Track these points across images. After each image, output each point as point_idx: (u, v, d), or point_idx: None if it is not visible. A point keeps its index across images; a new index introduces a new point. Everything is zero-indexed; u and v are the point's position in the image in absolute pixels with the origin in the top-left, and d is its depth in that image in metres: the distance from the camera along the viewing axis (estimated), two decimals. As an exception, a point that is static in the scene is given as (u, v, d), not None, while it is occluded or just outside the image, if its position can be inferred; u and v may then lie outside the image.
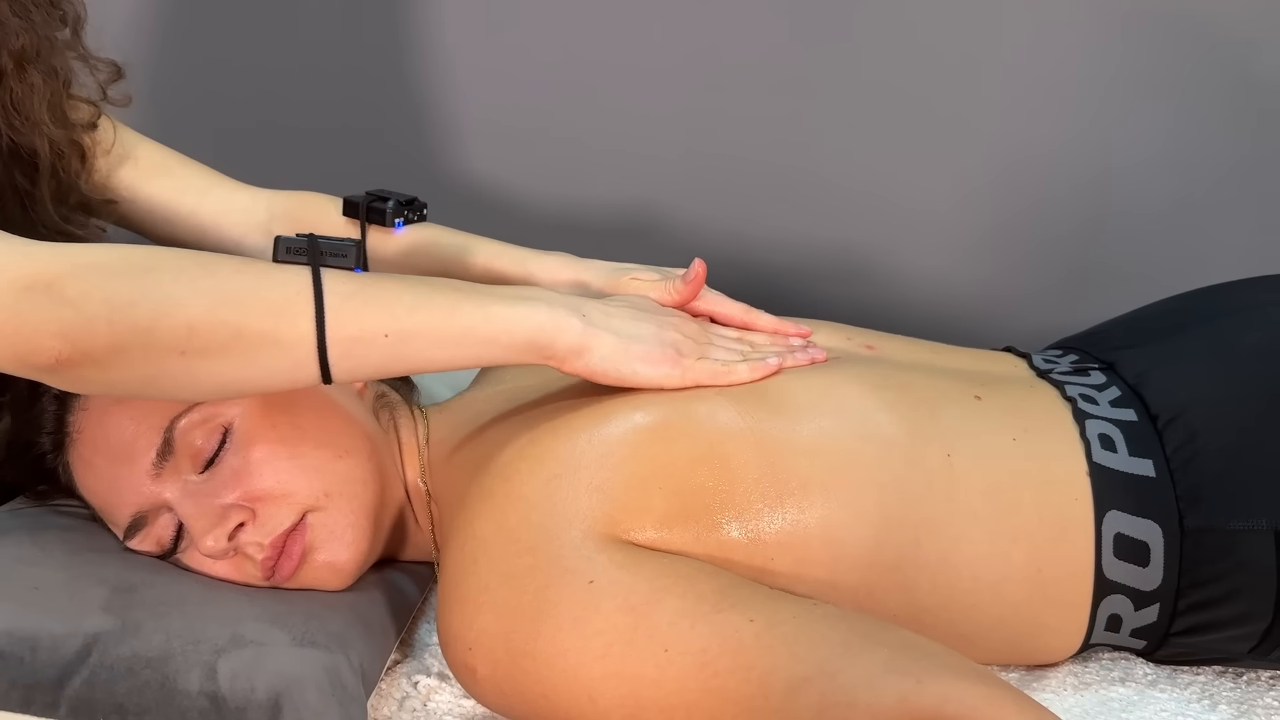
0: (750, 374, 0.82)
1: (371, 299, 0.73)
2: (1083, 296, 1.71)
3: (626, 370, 0.78)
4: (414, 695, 0.83)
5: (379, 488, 0.85)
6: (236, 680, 0.72)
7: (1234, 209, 1.61)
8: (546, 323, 0.76)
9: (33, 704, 0.72)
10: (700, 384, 0.80)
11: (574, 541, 0.72)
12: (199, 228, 1.00)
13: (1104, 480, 0.80)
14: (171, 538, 0.82)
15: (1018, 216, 1.64)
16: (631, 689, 0.69)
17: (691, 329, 0.84)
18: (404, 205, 0.97)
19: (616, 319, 0.79)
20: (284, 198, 1.02)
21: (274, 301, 0.72)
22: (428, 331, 0.74)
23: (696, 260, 0.88)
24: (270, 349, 0.71)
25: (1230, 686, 0.83)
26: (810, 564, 0.77)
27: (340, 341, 0.72)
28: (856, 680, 0.66)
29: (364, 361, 0.74)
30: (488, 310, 0.75)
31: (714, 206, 1.66)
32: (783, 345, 0.87)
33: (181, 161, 1.02)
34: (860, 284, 1.70)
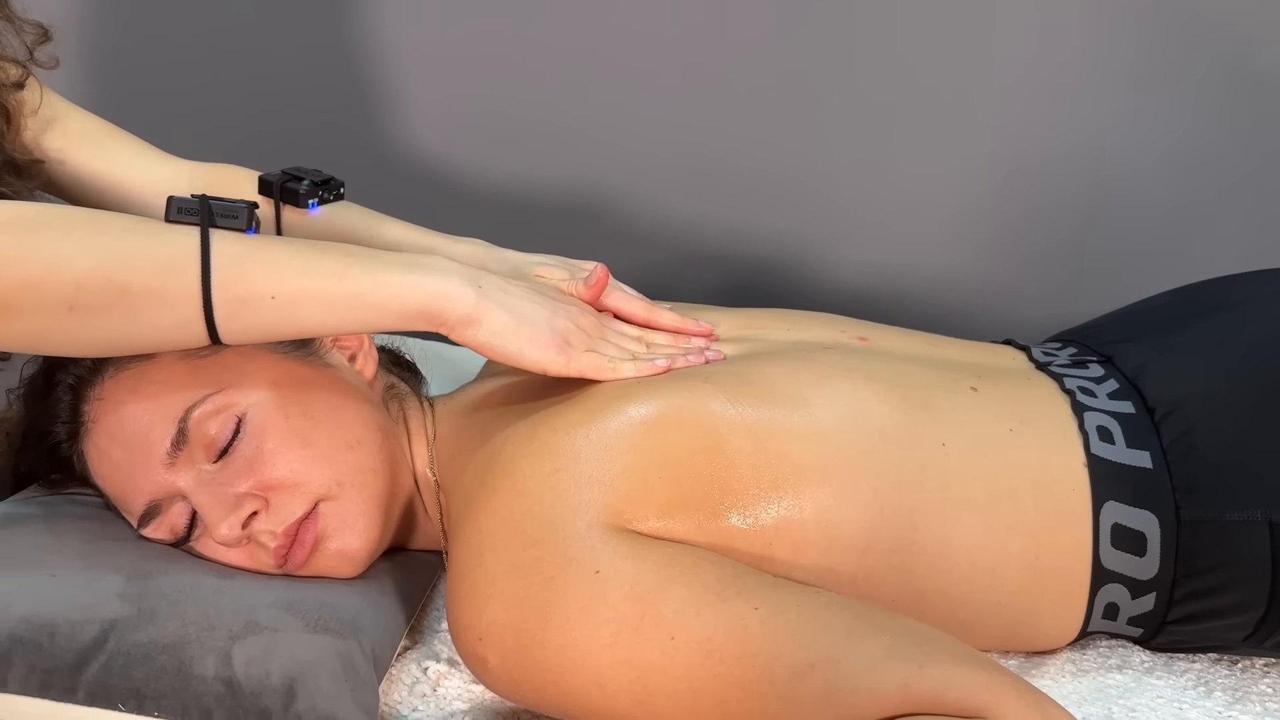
0: (635, 373, 0.83)
1: (259, 261, 0.74)
2: (1083, 289, 1.72)
3: (513, 349, 0.80)
4: (424, 680, 0.84)
5: (390, 477, 0.86)
6: (251, 666, 0.74)
7: (1235, 205, 1.63)
8: (438, 291, 0.77)
9: (51, 688, 0.73)
10: (584, 375, 0.82)
11: (579, 532, 0.73)
12: (124, 199, 1.01)
13: (1102, 471, 0.82)
14: (185, 525, 0.83)
15: (1017, 211, 1.65)
16: (639, 675, 0.70)
17: (587, 321, 0.85)
18: (319, 185, 0.98)
19: (513, 297, 0.81)
20: (206, 170, 1.03)
21: (160, 260, 0.73)
22: (316, 296, 0.75)
23: (598, 266, 0.90)
24: (155, 307, 0.72)
25: (1225, 674, 0.84)
26: (808, 549, 0.78)
27: (226, 302, 0.73)
28: (860, 666, 0.67)
29: (251, 323, 0.75)
30: (378, 277, 0.76)
31: (674, 194, 1.67)
32: (681, 346, 0.89)
33: (109, 131, 1.03)
34: (835, 275, 1.71)
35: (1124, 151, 1.60)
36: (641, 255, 1.70)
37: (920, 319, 1.73)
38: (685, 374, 0.83)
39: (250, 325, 0.75)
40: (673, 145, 1.63)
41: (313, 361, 0.87)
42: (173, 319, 0.73)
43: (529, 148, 1.61)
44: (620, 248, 1.67)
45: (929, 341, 0.96)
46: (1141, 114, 1.55)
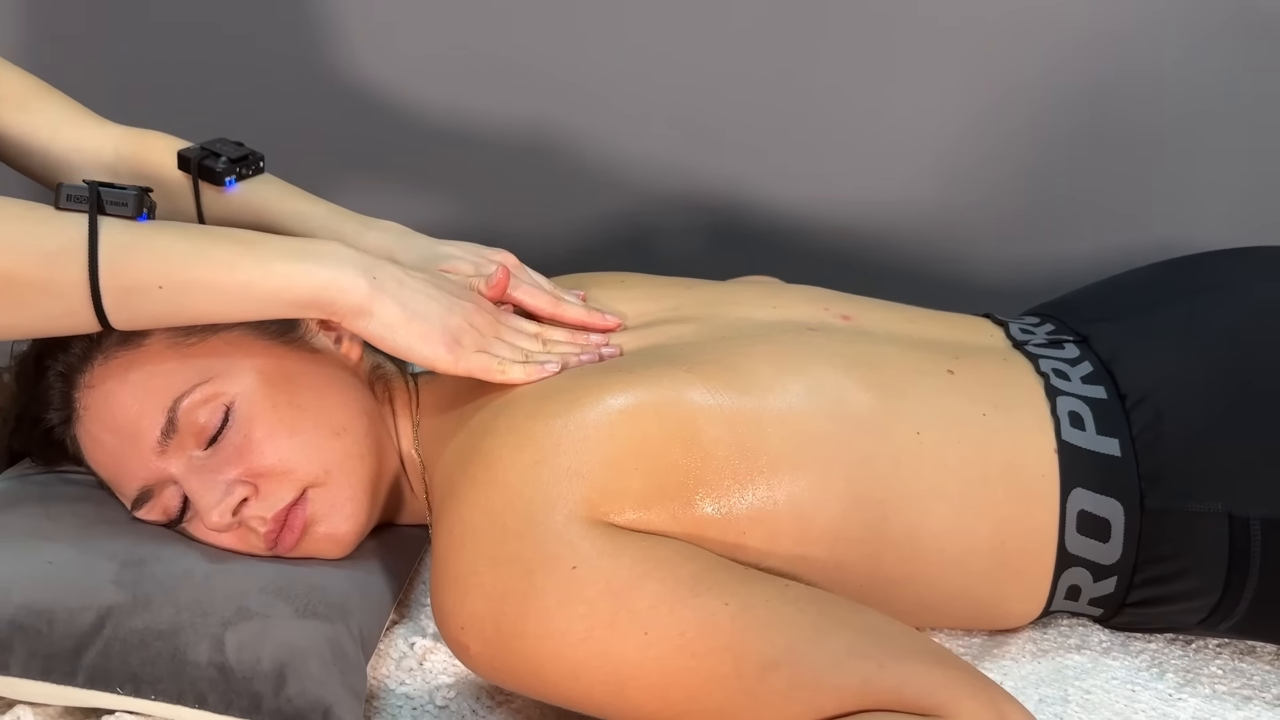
0: (524, 377, 0.84)
1: (146, 250, 0.75)
2: (1072, 227, 1.73)
3: (402, 343, 0.81)
4: (410, 655, 0.88)
5: (376, 461, 0.88)
6: (243, 652, 0.77)
7: (1228, 139, 1.62)
8: (329, 282, 0.78)
9: (52, 673, 0.76)
10: (472, 375, 0.83)
11: (557, 527, 0.76)
12: (51, 165, 1.01)
13: (1071, 458, 0.84)
14: (178, 508, 0.86)
15: (1011, 146, 1.65)
16: (614, 668, 0.73)
17: (482, 319, 0.85)
18: (235, 162, 0.97)
19: (408, 290, 0.81)
20: (130, 138, 1.02)
21: (48, 249, 0.73)
22: (204, 285, 0.76)
23: (500, 265, 0.90)
24: (43, 296, 0.73)
25: (1179, 654, 0.88)
26: (781, 539, 0.81)
27: (113, 291, 0.74)
28: (823, 663, 0.70)
29: (140, 312, 0.76)
30: (268, 266, 0.77)
31: (650, 133, 1.65)
32: (579, 344, 0.89)
33: (39, 93, 1.02)
34: (815, 212, 1.71)
35: (1123, 86, 1.59)
36: (615, 198, 1.70)
37: (911, 256, 1.75)
38: (668, 361, 0.84)
39: (139, 314, 0.76)
40: (647, 81, 1.61)
41: (299, 347, 0.89)
42: (61, 307, 0.74)
43: (491, 83, 1.58)
44: (589, 188, 1.67)
45: (909, 318, 0.97)
46: (1144, 46, 1.53)
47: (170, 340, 0.85)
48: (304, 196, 0.99)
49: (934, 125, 1.66)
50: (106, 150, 1.01)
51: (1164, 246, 1.74)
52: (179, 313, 0.77)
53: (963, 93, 1.62)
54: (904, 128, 1.66)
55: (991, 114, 1.63)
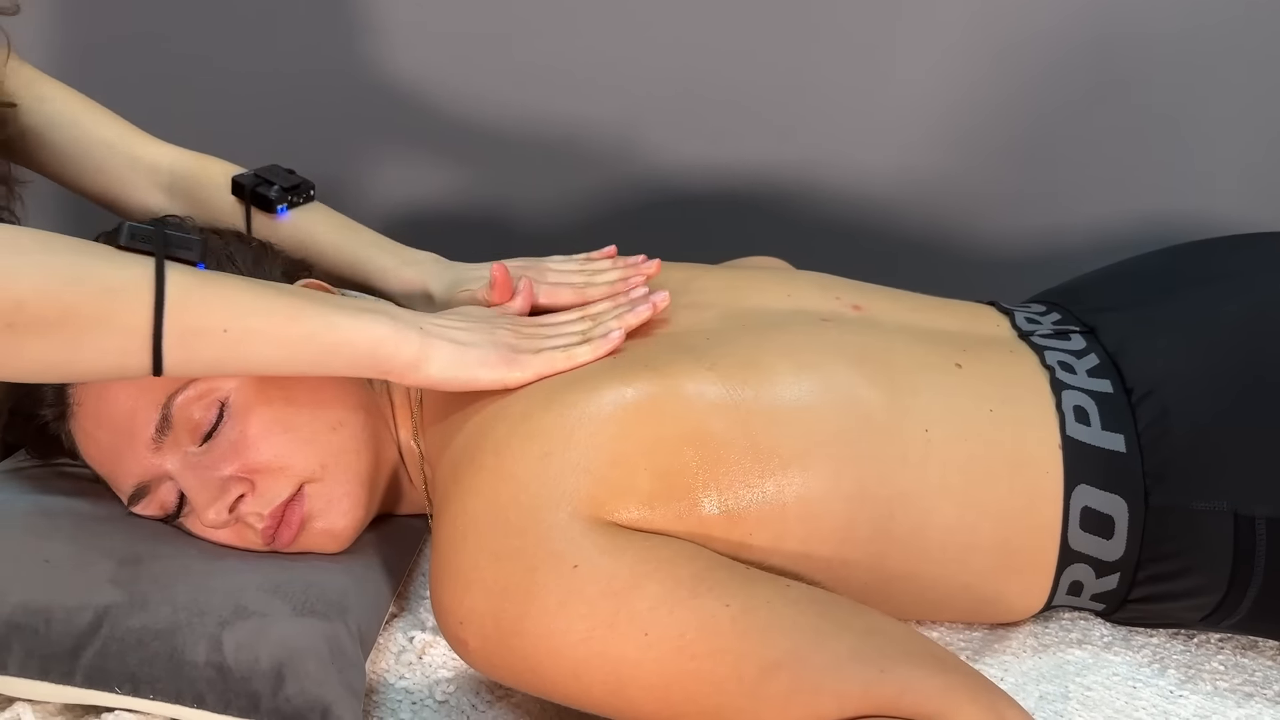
0: (592, 353, 0.84)
1: (213, 295, 0.74)
2: (1076, 196, 1.72)
3: (465, 375, 0.81)
4: (410, 649, 0.87)
5: (373, 455, 0.87)
6: (241, 651, 0.76)
7: (1238, 105, 1.60)
8: (387, 337, 0.79)
9: (50, 672, 0.76)
10: (542, 374, 0.82)
11: (560, 524, 0.75)
12: (105, 183, 1.01)
13: (1076, 454, 0.83)
14: (175, 503, 0.85)
15: (1012, 111, 1.63)
16: (614, 668, 0.73)
17: (528, 329, 0.86)
18: (288, 191, 0.99)
19: (452, 329, 0.83)
20: (186, 159, 1.03)
21: (112, 287, 0.71)
22: (268, 333, 0.75)
23: (495, 267, 0.91)
24: (102, 333, 0.71)
25: (1181, 649, 0.87)
26: (787, 538, 0.80)
27: (176, 332, 0.72)
28: (823, 667, 0.70)
29: (197, 356, 0.74)
30: (330, 319, 0.77)
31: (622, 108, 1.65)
32: (625, 303, 0.89)
33: (88, 110, 1.02)
34: (831, 186, 1.70)
35: (1130, 50, 1.57)
36: (615, 173, 1.69)
37: (915, 227, 1.74)
38: (690, 356, 0.83)
39: (195, 358, 0.74)
40: (646, 53, 1.60)
41: None
42: (117, 346, 0.72)
43: (479, 65, 1.59)
44: (589, 164, 1.66)
45: (917, 307, 0.96)
46: (1151, 7, 1.51)
47: None
48: (349, 225, 1.01)
49: (934, 93, 1.64)
50: (162, 170, 1.02)
51: (1172, 216, 1.73)
52: (235, 360, 0.76)
53: (963, 58, 1.60)
54: (903, 96, 1.64)
55: (992, 80, 1.61)
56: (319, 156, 1.47)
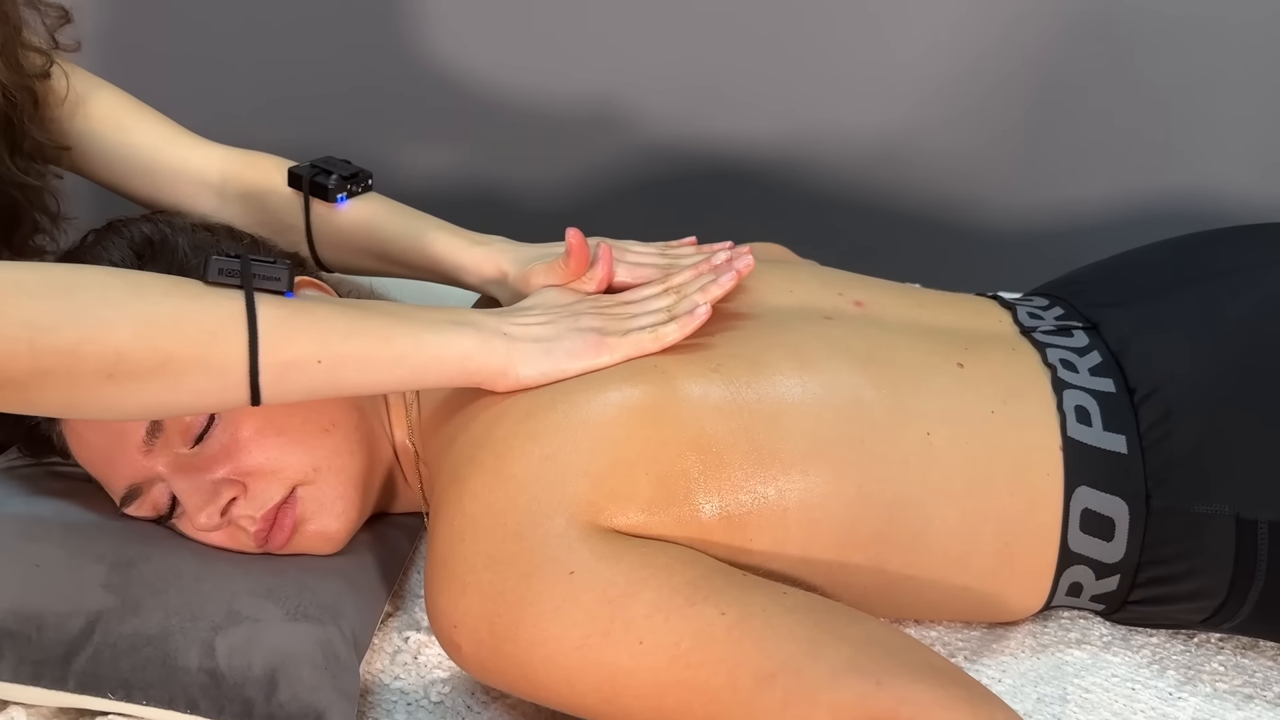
0: (680, 331, 0.82)
1: (305, 325, 0.74)
2: (1076, 171, 1.70)
3: (554, 370, 0.80)
4: (405, 650, 0.87)
5: (366, 456, 0.87)
6: (234, 657, 0.76)
7: (1248, 75, 1.58)
8: (474, 350, 0.78)
9: (43, 678, 0.76)
10: (631, 357, 0.81)
11: (558, 530, 0.74)
12: (153, 184, 1.00)
13: (1076, 455, 0.82)
14: (167, 504, 0.85)
15: (1010, 81, 1.61)
16: (608, 676, 0.72)
17: (612, 309, 0.84)
18: (347, 179, 0.97)
19: (535, 326, 0.81)
20: (236, 157, 1.01)
21: (206, 327, 0.71)
22: (360, 359, 0.75)
23: (570, 232, 0.88)
24: (201, 374, 0.71)
25: (1181, 649, 0.87)
26: (787, 543, 0.79)
27: (272, 367, 0.72)
28: (819, 678, 0.69)
29: (295, 386, 0.74)
30: (420, 338, 0.77)
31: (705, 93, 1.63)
32: (707, 274, 0.87)
33: (135, 111, 1.00)
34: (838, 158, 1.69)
35: (1137, 19, 1.55)
36: (620, 147, 1.67)
37: (920, 200, 1.72)
38: (697, 357, 0.82)
39: (293, 388, 0.75)
40: (645, 24, 1.58)
41: None
42: (217, 384, 0.72)
43: (545, 58, 1.59)
44: (544, 112, 1.64)
45: (920, 303, 0.94)
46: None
47: None
48: (410, 210, 0.99)
49: (937, 68, 1.62)
50: (212, 170, 1.01)
51: (1180, 189, 1.71)
52: (331, 386, 0.76)
53: (967, 33, 1.58)
54: (907, 71, 1.62)
55: (997, 55, 1.59)
56: (316, 142, 1.46)
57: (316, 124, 1.60)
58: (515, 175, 1.70)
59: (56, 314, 0.69)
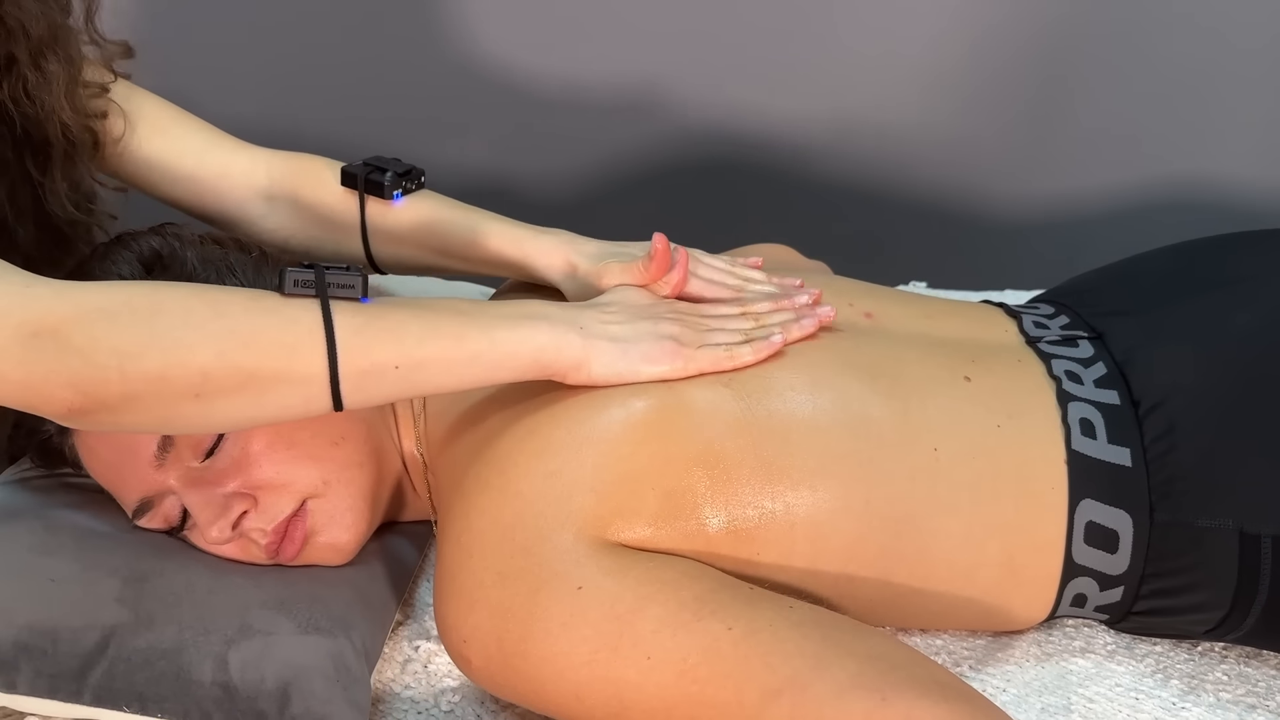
0: (754, 355, 0.82)
1: (381, 332, 0.75)
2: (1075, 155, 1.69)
3: (630, 373, 0.80)
4: (415, 659, 0.88)
5: (375, 468, 0.87)
6: (247, 671, 0.77)
7: (1253, 63, 1.58)
8: (548, 344, 0.78)
9: (59, 691, 0.77)
10: (705, 371, 0.81)
11: (565, 545, 0.75)
12: (198, 192, 0.99)
13: (1081, 468, 0.82)
14: (179, 516, 0.86)
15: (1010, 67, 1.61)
16: (616, 691, 0.73)
17: (690, 319, 0.84)
18: (401, 176, 0.96)
19: (613, 324, 0.81)
20: (282, 160, 1.01)
21: (286, 342, 0.73)
22: (436, 361, 0.76)
23: (656, 236, 0.87)
24: (284, 388, 0.73)
25: (1185, 658, 0.87)
26: (794, 557, 0.80)
27: (351, 376, 0.74)
28: (825, 694, 0.70)
29: (375, 392, 0.76)
30: (493, 335, 0.77)
31: (714, 82, 1.63)
32: (789, 310, 0.87)
33: (178, 118, 1.00)
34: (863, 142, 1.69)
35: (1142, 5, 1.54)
36: (623, 134, 1.67)
37: (927, 190, 1.72)
38: (709, 374, 0.82)
39: (375, 394, 0.76)
40: (667, 33, 1.58)
41: None
42: (300, 397, 0.74)
43: (579, 44, 1.59)
44: (551, 105, 1.63)
45: (926, 313, 0.94)
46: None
47: None
48: (469, 207, 0.98)
49: (944, 53, 1.61)
50: (258, 174, 1.00)
51: (1185, 178, 1.71)
52: (411, 389, 0.77)
53: (973, 17, 1.58)
54: (914, 58, 1.62)
55: (1003, 38, 1.59)
56: (324, 133, 1.46)
57: (328, 119, 1.60)
58: (519, 167, 1.70)
59: (142, 340, 0.71)
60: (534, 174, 1.70)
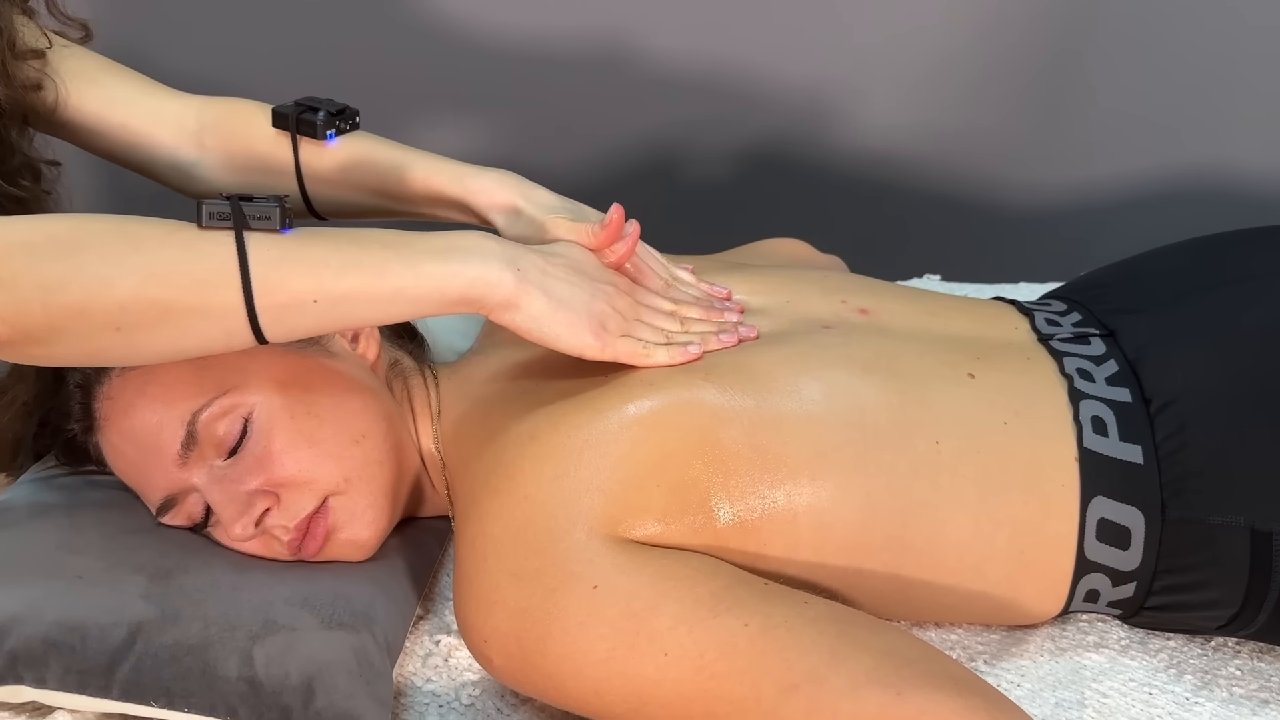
0: (669, 359, 0.83)
1: (298, 265, 0.74)
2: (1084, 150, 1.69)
3: (549, 333, 0.80)
4: (436, 653, 0.89)
5: (396, 465, 0.89)
6: (271, 666, 0.78)
7: (1268, 49, 1.57)
8: (478, 279, 0.77)
9: (88, 686, 0.79)
10: (618, 360, 0.82)
11: (578, 544, 0.76)
12: (131, 141, 0.98)
13: (1092, 466, 0.83)
14: (202, 514, 0.87)
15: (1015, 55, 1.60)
16: (634, 688, 0.74)
17: (623, 302, 0.84)
18: (335, 116, 0.94)
19: (551, 279, 0.80)
20: (214, 105, 1.00)
21: (200, 276, 0.73)
22: (357, 294, 0.75)
23: (614, 207, 0.86)
24: (202, 321, 0.73)
25: (1199, 653, 0.88)
26: (800, 548, 0.81)
27: (269, 309, 0.73)
28: (841, 689, 0.71)
29: (296, 325, 0.76)
30: (418, 269, 0.76)
31: (685, 33, 1.62)
32: (716, 323, 0.88)
33: (108, 69, 0.99)
34: (856, 129, 1.68)
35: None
36: (631, 122, 1.67)
37: (938, 180, 1.72)
38: (684, 369, 0.83)
39: (295, 328, 0.76)
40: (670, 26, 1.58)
41: (315, 354, 0.88)
42: (220, 330, 0.74)
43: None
44: (563, 95, 1.63)
45: (931, 310, 0.95)
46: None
47: None
48: (405, 147, 0.96)
49: (955, 42, 1.61)
50: (189, 119, 0.99)
51: (1202, 167, 1.70)
52: (334, 323, 0.77)
53: (984, 5, 1.57)
54: (924, 47, 1.62)
55: (1013, 27, 1.58)
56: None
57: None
58: (528, 160, 1.70)
59: (63, 274, 0.72)
60: (546, 163, 1.70)
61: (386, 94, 1.60)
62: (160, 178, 1.00)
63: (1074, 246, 1.73)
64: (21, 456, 0.95)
